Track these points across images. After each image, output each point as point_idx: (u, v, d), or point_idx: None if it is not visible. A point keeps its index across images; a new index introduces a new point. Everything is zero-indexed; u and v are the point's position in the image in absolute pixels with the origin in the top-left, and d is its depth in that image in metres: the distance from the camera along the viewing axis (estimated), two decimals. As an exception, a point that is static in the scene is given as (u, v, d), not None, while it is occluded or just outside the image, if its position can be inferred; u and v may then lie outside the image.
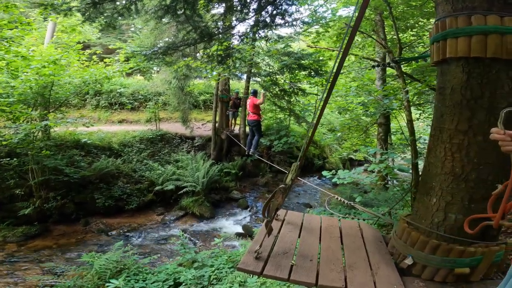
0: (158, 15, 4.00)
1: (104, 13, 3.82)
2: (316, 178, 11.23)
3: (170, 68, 7.93)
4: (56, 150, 7.47)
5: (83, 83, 7.92)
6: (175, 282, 3.72)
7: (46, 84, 6.91)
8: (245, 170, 10.30)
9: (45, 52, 6.91)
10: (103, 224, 7.01)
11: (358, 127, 8.05)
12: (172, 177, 8.37)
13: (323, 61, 8.75)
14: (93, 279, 3.77)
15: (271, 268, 1.70)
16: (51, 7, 3.83)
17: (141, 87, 13.17)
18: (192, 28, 3.98)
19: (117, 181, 8.02)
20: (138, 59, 6.11)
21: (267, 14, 4.47)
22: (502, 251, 1.63)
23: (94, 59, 8.11)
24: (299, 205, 8.68)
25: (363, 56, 8.18)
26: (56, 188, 6.97)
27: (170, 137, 10.41)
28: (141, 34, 11.64)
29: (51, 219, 6.72)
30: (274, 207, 1.79)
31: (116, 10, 3.77)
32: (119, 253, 4.29)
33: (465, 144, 1.62)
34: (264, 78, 9.50)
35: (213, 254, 4.68)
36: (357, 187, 6.49)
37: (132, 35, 14.95)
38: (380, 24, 5.95)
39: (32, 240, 6.06)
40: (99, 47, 14.64)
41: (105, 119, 11.93)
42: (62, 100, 7.95)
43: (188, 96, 10.75)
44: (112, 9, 3.77)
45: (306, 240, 2.10)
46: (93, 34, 12.79)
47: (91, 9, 3.70)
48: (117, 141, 9.15)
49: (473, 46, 1.58)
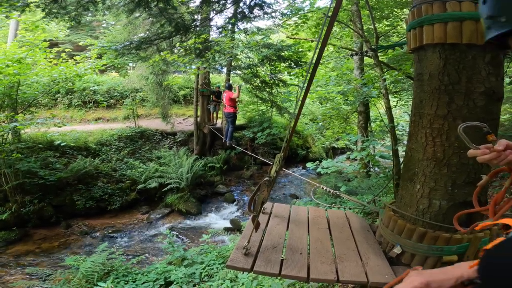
0: (128, 8, 3.78)
1: (67, 8, 3.55)
2: (301, 169, 11.35)
3: (146, 64, 7.66)
4: (28, 152, 7.11)
5: (52, 81, 7.52)
6: (166, 281, 3.67)
7: (12, 84, 6.53)
8: (230, 164, 10.25)
9: (8, 51, 6.49)
10: (86, 226, 6.79)
11: (338, 116, 8.19)
12: (155, 175, 8.18)
13: (303, 52, 8.75)
14: (80, 282, 3.65)
15: (261, 264, 1.68)
16: (6, 4, 3.52)
17: (116, 84, 12.67)
18: (166, 21, 3.79)
19: (97, 182, 7.75)
20: (110, 55, 5.82)
21: (245, 5, 4.36)
22: (488, 237, 1.66)
23: (63, 56, 7.70)
24: (285, 196, 8.77)
25: (341, 46, 8.26)
26: (32, 192, 6.67)
27: (151, 134, 10.14)
28: (114, 30, 11.11)
29: (30, 223, 6.46)
30: (259, 200, 1.76)
31: (80, 4, 3.51)
32: (105, 254, 4.17)
33: (445, 129, 1.65)
34: (244, 71, 9.40)
35: (203, 250, 4.65)
36: (340, 175, 6.61)
37: (104, 31, 14.30)
38: (357, 14, 6.01)
39: (13, 245, 5.83)
40: (69, 44, 13.90)
41: (79, 118, 11.41)
42: (30, 100, 7.54)
43: (167, 91, 10.47)
44: (75, 3, 3.50)
45: (295, 233, 2.10)
46: (61, 32, 12.11)
47: (52, 4, 3.43)
48: (93, 140, 8.80)
49: (449, 32, 1.60)
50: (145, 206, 7.93)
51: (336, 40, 8.80)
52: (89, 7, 3.53)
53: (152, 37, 4.27)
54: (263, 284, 3.19)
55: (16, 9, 3.56)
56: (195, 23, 4.26)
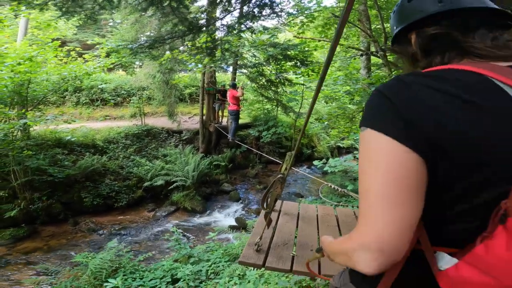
0: (142, 7, 3.83)
1: (83, 6, 3.61)
2: (306, 168, 11.36)
3: (154, 62, 7.72)
4: (37, 149, 7.20)
5: (61, 79, 7.62)
6: (173, 279, 3.71)
7: (22, 82, 6.60)
8: (235, 162, 10.29)
9: (19, 49, 6.59)
10: (93, 223, 6.87)
11: (344, 115, 8.18)
12: (161, 172, 8.25)
13: (309, 52, 8.75)
14: (89, 279, 3.71)
15: (272, 260, 1.71)
16: (25, 2, 3.59)
17: (123, 82, 12.78)
18: (179, 20, 3.83)
19: (104, 179, 7.84)
20: (123, 53, 5.88)
21: (255, 5, 4.37)
22: None
23: (72, 55, 7.81)
24: (290, 195, 8.78)
25: (349, 46, 8.24)
26: (40, 189, 6.75)
27: (157, 132, 10.22)
28: (121, 28, 11.20)
29: (39, 220, 6.54)
30: (273, 197, 1.80)
31: (96, 2, 3.57)
32: (113, 252, 4.23)
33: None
34: (250, 70, 9.43)
35: (208, 248, 4.70)
36: (346, 174, 6.61)
37: (111, 29, 14.41)
38: (365, 14, 5.99)
39: (21, 242, 5.90)
40: (76, 43, 14.05)
41: (87, 116, 11.54)
42: (40, 97, 7.63)
43: (173, 90, 10.53)
44: (92, 2, 3.56)
45: (304, 230, 2.13)
46: (69, 30, 12.24)
47: (69, 3, 3.49)
48: (101, 138, 8.89)
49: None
50: (151, 204, 8.00)
51: (343, 40, 8.78)
52: (106, 6, 3.58)
53: (165, 36, 4.32)
54: (270, 281, 3.22)
55: (35, 7, 3.62)
56: (208, 22, 4.29)
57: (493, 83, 0.53)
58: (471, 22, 0.64)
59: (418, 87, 0.56)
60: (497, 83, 0.52)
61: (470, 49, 0.61)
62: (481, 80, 0.54)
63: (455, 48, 0.64)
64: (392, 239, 0.54)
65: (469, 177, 0.53)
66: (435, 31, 0.66)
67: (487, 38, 0.62)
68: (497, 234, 0.51)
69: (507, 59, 0.58)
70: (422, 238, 0.60)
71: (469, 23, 0.64)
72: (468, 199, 0.55)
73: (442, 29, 0.65)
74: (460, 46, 0.63)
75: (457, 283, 0.54)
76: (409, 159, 0.53)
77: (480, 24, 0.63)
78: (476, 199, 0.54)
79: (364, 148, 0.61)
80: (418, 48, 0.70)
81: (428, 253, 0.59)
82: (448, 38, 0.64)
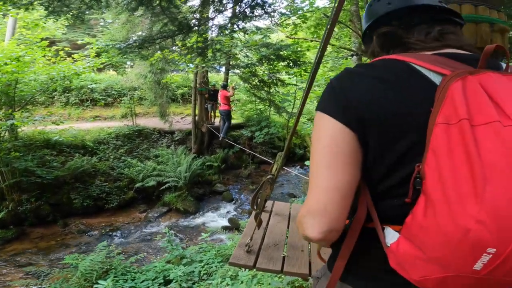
0: (131, 7, 3.77)
1: (70, 5, 3.54)
2: (299, 168, 11.39)
3: (145, 62, 7.64)
4: (25, 150, 7.07)
5: (50, 79, 7.49)
6: (165, 280, 3.68)
7: (9, 82, 6.48)
8: (228, 163, 10.26)
9: (7, 49, 6.46)
10: (83, 224, 6.77)
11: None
12: (153, 173, 8.17)
13: (301, 52, 8.79)
14: (79, 281, 3.65)
15: (263, 260, 1.70)
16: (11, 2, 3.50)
17: (114, 83, 12.59)
18: (169, 20, 3.79)
19: (94, 180, 7.72)
20: (112, 53, 5.80)
21: (246, 5, 4.37)
22: None
23: (61, 55, 7.67)
24: (283, 195, 8.80)
25: (340, 46, 8.30)
26: (29, 190, 6.64)
27: (148, 132, 10.11)
28: (112, 28, 11.06)
29: (27, 222, 6.43)
30: (262, 198, 1.79)
31: (84, 2, 3.51)
32: (103, 253, 4.17)
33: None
34: (243, 70, 9.42)
35: (201, 249, 4.67)
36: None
37: (102, 29, 14.22)
38: (356, 15, 6.05)
39: (9, 244, 5.81)
40: (66, 42, 13.80)
41: (76, 116, 11.33)
42: (28, 98, 7.49)
43: (165, 90, 10.44)
44: (79, 1, 3.50)
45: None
46: (58, 30, 12.03)
47: (56, 2, 3.42)
48: (91, 138, 8.75)
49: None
50: (143, 205, 7.92)
51: (335, 40, 8.84)
52: (93, 5, 3.52)
53: (155, 36, 4.27)
54: (262, 282, 3.22)
55: (20, 7, 3.54)
56: (198, 22, 4.26)
57: (412, 67, 0.62)
58: (415, 20, 0.72)
59: (357, 75, 0.66)
60: (416, 67, 0.62)
61: (408, 44, 0.70)
62: (403, 66, 0.63)
63: (400, 44, 0.72)
64: (328, 202, 0.61)
65: (395, 145, 0.59)
66: (385, 30, 0.75)
67: (422, 33, 0.70)
68: (419, 201, 0.53)
69: (435, 49, 0.67)
70: (373, 215, 0.64)
71: (414, 21, 0.72)
72: (398, 172, 0.60)
73: (391, 28, 0.74)
74: (403, 42, 0.71)
75: (400, 259, 0.56)
76: (344, 133, 0.62)
77: (421, 21, 0.72)
78: (404, 169, 0.59)
79: (314, 127, 0.69)
80: (376, 46, 0.79)
81: (378, 230, 0.63)
82: (394, 36, 0.73)
